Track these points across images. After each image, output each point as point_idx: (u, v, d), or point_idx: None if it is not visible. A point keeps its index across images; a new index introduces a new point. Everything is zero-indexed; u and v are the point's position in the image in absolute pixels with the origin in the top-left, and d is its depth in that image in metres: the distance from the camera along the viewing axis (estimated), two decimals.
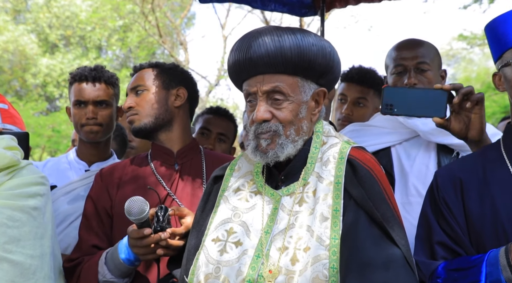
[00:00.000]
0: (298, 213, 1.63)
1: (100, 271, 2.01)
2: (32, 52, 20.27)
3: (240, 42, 1.70)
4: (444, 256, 1.78)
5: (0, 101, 2.77)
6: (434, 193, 1.87)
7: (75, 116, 2.75)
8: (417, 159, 2.45)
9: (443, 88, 1.91)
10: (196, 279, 1.63)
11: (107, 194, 2.24)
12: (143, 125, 2.30)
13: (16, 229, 1.87)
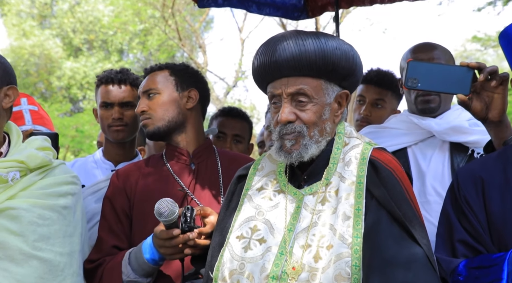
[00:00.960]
0: (320, 211, 1.63)
1: (124, 271, 2.01)
2: (57, 56, 20.45)
3: (265, 46, 1.70)
4: (465, 253, 1.76)
5: (30, 103, 2.86)
6: (455, 191, 1.85)
7: (102, 117, 2.76)
8: (433, 158, 2.43)
9: (469, 66, 1.86)
10: (221, 275, 1.63)
11: (125, 195, 2.23)
12: (157, 129, 2.28)
13: (46, 227, 1.89)
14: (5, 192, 1.86)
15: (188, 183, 2.25)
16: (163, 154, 2.37)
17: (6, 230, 1.81)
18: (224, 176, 2.29)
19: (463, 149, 2.42)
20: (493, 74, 1.84)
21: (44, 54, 20.36)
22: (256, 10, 3.49)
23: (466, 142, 2.40)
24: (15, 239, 1.81)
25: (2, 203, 1.84)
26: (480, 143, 2.32)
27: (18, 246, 1.81)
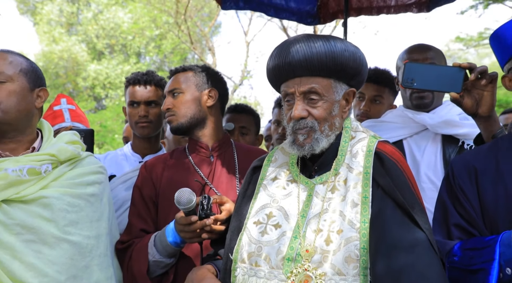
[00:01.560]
0: (330, 199, 1.58)
1: (150, 252, 1.98)
2: (83, 59, 20.49)
3: (279, 49, 1.64)
4: (460, 236, 1.72)
5: (69, 103, 2.90)
6: (450, 180, 1.79)
7: (130, 115, 2.72)
8: (427, 149, 2.39)
9: (461, 66, 1.82)
10: (240, 257, 1.59)
11: (152, 184, 2.20)
12: (180, 125, 2.25)
13: (74, 214, 1.87)
14: (39, 183, 1.83)
15: (207, 173, 2.22)
16: (186, 147, 2.34)
17: (39, 217, 1.78)
18: (240, 167, 2.25)
19: (454, 141, 2.38)
20: (483, 73, 1.80)
21: (71, 58, 20.42)
22: (273, 14, 3.45)
23: (456, 134, 2.36)
24: (47, 224, 1.79)
25: (35, 193, 1.81)
26: (469, 135, 2.29)
27: (50, 230, 1.79)
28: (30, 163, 1.82)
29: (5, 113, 1.82)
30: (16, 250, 1.71)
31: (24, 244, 1.73)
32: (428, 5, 3.32)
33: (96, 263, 1.88)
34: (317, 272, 1.47)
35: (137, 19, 20.26)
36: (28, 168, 1.80)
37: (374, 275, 1.43)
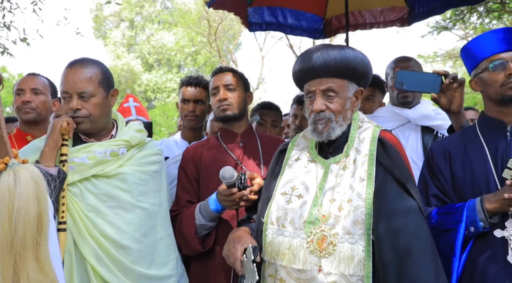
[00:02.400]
0: (342, 175, 1.51)
1: (196, 217, 1.91)
2: (138, 71, 20.47)
3: (304, 56, 1.57)
4: (436, 204, 1.67)
5: (135, 101, 2.88)
6: (429, 160, 1.74)
7: (181, 109, 2.62)
8: (410, 137, 2.34)
9: (439, 73, 1.78)
10: (270, 220, 1.53)
11: (193, 164, 2.10)
12: (232, 115, 2.12)
13: (143, 186, 1.82)
14: (117, 162, 1.78)
15: (238, 155, 2.13)
16: (218, 135, 2.22)
17: (118, 188, 1.74)
18: (262, 151, 2.15)
19: (429, 130, 2.33)
20: (455, 79, 1.75)
21: (129, 70, 20.41)
22: (290, 32, 3.35)
23: (432, 125, 2.30)
24: (124, 194, 1.75)
25: (115, 170, 1.76)
26: (442, 126, 2.25)
27: (127, 199, 1.75)
28: (111, 147, 1.77)
29: (94, 122, 1.76)
30: (103, 213, 1.68)
31: (108, 208, 1.70)
32: (408, 21, 3.25)
33: (160, 224, 1.84)
34: (331, 232, 1.42)
35: (178, 40, 20.21)
36: (110, 151, 1.75)
37: (376, 234, 1.38)
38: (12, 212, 1.15)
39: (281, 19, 3.20)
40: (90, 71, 1.74)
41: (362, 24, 3.32)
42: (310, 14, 3.33)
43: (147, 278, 1.72)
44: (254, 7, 3.10)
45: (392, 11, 3.23)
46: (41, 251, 1.19)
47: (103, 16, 21.68)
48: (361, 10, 3.29)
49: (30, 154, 1.69)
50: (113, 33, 21.41)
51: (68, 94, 1.71)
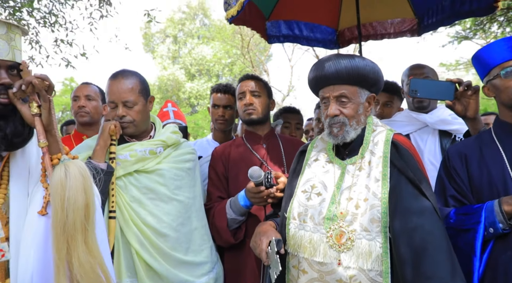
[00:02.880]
0: (358, 176, 1.46)
1: (227, 212, 1.91)
2: (182, 80, 20.87)
3: (317, 65, 1.54)
4: (454, 205, 1.58)
5: (173, 106, 2.91)
6: (446, 163, 1.65)
7: (212, 114, 2.65)
8: (428, 141, 2.22)
9: (452, 81, 1.69)
10: (292, 215, 1.51)
11: (222, 163, 2.10)
12: (257, 118, 2.11)
13: (179, 181, 1.85)
14: (155, 160, 1.82)
15: (262, 156, 2.11)
16: (243, 137, 2.22)
17: (157, 182, 1.78)
18: (284, 152, 2.13)
19: (447, 134, 2.21)
20: (469, 86, 1.67)
21: (174, 79, 20.84)
22: (306, 43, 3.32)
23: (450, 130, 2.19)
24: (162, 188, 1.78)
25: (154, 166, 1.80)
26: (459, 130, 2.14)
27: (164, 192, 1.78)
28: (150, 146, 1.81)
29: (137, 127, 1.81)
30: (144, 204, 1.72)
31: (149, 200, 1.74)
32: (418, 31, 3.14)
33: (194, 215, 1.86)
34: (349, 228, 1.37)
35: (216, 52, 20.49)
36: (149, 149, 1.80)
37: (392, 232, 1.32)
38: (63, 201, 1.20)
39: (297, 31, 3.18)
40: (131, 82, 1.78)
41: (374, 35, 3.24)
42: (324, 26, 3.30)
43: (184, 264, 1.75)
44: (272, 21, 3.09)
45: (402, 22, 3.14)
46: (89, 235, 1.23)
47: (151, 33, 22.31)
48: (372, 22, 3.22)
49: (82, 151, 1.76)
50: (159, 47, 22.01)
51: (114, 103, 1.77)
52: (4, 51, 1.25)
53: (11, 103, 1.25)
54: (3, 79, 1.23)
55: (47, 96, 1.27)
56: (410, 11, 3.09)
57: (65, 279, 1.16)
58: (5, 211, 1.27)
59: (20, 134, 1.28)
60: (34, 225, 1.24)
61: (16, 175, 1.31)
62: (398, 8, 3.08)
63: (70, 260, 1.17)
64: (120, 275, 1.65)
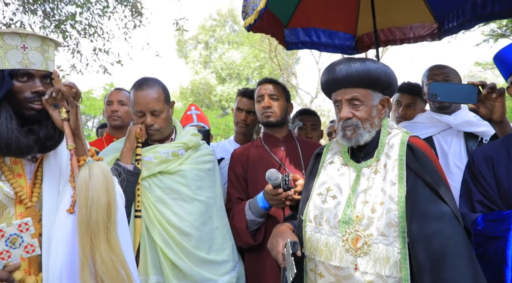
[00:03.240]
0: (374, 179, 1.41)
1: (246, 213, 1.90)
2: (213, 84, 21.15)
3: (328, 68, 1.50)
4: (482, 210, 1.48)
5: (196, 109, 2.88)
6: (471, 166, 1.56)
7: (235, 116, 2.65)
8: (452, 143, 2.09)
9: (475, 83, 1.58)
10: (308, 218, 1.47)
11: (241, 165, 2.09)
12: (275, 121, 2.08)
13: (200, 182, 1.86)
14: (177, 161, 1.85)
15: (280, 158, 2.09)
16: (261, 139, 2.20)
17: (179, 183, 1.80)
18: (302, 155, 2.09)
19: (473, 136, 2.08)
20: (493, 89, 1.56)
21: (206, 83, 21.15)
22: (324, 50, 3.27)
23: (476, 132, 2.05)
24: (184, 188, 1.80)
25: (176, 167, 1.83)
26: (486, 132, 2.01)
27: (186, 192, 1.80)
28: (172, 148, 1.84)
29: (162, 133, 1.85)
30: (168, 204, 1.75)
31: (172, 200, 1.76)
32: (439, 35, 3.00)
33: (215, 215, 1.87)
34: (365, 232, 1.32)
35: (245, 57, 20.63)
36: (171, 152, 1.83)
37: (410, 237, 1.26)
38: (87, 200, 1.24)
39: (315, 38, 3.13)
40: (156, 91, 1.81)
41: (393, 40, 3.14)
42: (342, 33, 3.23)
43: (206, 262, 1.76)
44: (290, 29, 3.07)
45: (422, 27, 3.01)
46: (111, 233, 1.26)
47: (184, 40, 22.76)
48: (391, 27, 3.12)
49: (110, 153, 1.82)
50: (192, 53, 22.43)
51: (142, 112, 1.80)
52: (39, 62, 1.32)
53: (44, 109, 1.32)
54: (37, 88, 1.30)
55: (75, 102, 1.33)
56: (429, 15, 2.98)
57: (89, 275, 1.19)
58: (38, 209, 1.33)
59: (52, 138, 1.34)
60: (63, 222, 1.29)
61: (49, 175, 1.37)
62: (417, 13, 2.98)
63: (94, 257, 1.21)
64: (146, 273, 1.69)
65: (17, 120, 1.27)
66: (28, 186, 1.33)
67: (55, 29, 5.53)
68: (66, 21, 5.55)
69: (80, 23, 5.70)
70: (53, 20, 5.53)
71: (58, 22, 5.51)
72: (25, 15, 5.33)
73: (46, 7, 5.43)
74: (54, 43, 1.38)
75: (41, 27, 5.45)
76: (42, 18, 5.46)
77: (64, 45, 5.68)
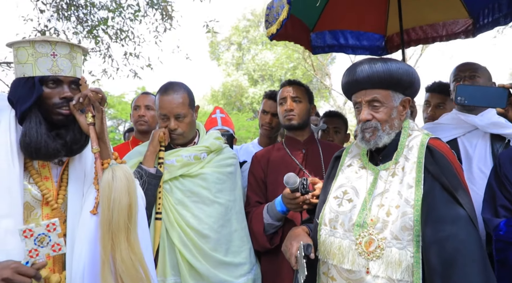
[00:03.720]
0: (391, 182, 1.41)
1: (264, 217, 1.94)
2: (245, 86, 21.31)
3: (349, 70, 1.51)
4: (505, 215, 1.45)
5: (221, 113, 2.91)
6: (497, 170, 1.52)
7: (260, 118, 2.68)
8: (478, 145, 2.03)
9: (505, 86, 1.54)
10: (323, 221, 1.49)
11: (261, 169, 2.12)
12: (297, 124, 2.10)
13: (220, 185, 1.92)
14: (199, 164, 1.91)
15: (301, 161, 2.10)
16: (283, 142, 2.22)
17: (200, 186, 1.86)
18: (324, 158, 2.10)
19: (500, 138, 2.00)
20: None
21: (238, 85, 21.33)
22: (351, 52, 3.25)
23: (503, 134, 1.98)
24: (205, 191, 1.86)
25: (197, 170, 1.89)
26: None
27: (207, 195, 1.86)
28: (195, 151, 1.91)
29: (186, 138, 1.92)
30: (188, 207, 1.82)
31: (192, 203, 1.83)
32: (473, 32, 2.89)
33: (234, 218, 1.92)
34: (379, 236, 1.33)
35: (278, 57, 20.62)
36: (194, 155, 1.89)
37: (423, 241, 1.26)
38: (110, 202, 1.33)
39: (342, 41, 3.11)
40: (181, 96, 1.88)
41: (424, 39, 3.06)
42: (371, 33, 3.18)
43: (223, 264, 1.81)
44: (316, 33, 3.07)
45: (455, 24, 2.91)
46: (131, 233, 1.35)
47: (217, 42, 23.15)
48: (422, 25, 3.03)
49: (133, 156, 1.92)
50: (224, 55, 22.75)
51: (166, 116, 1.88)
52: (67, 68, 1.41)
53: (71, 114, 1.41)
54: (65, 93, 1.40)
55: (100, 107, 1.41)
56: (464, 11, 2.89)
57: (109, 273, 1.28)
58: (63, 210, 1.43)
59: (78, 142, 1.44)
60: (86, 223, 1.39)
61: (74, 177, 1.47)
62: (450, 9, 2.90)
63: (114, 256, 1.29)
64: (165, 273, 1.76)
65: (46, 125, 1.37)
66: (55, 188, 1.43)
67: (88, 34, 5.84)
68: (99, 26, 5.85)
69: (112, 28, 5.98)
70: (86, 25, 5.84)
71: (91, 28, 5.82)
72: (58, 21, 5.67)
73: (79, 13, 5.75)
74: (82, 50, 1.48)
75: (74, 33, 5.78)
76: (75, 24, 5.78)
77: (96, 50, 5.98)
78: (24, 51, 1.37)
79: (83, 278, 1.31)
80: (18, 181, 1.32)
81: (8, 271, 1.16)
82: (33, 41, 1.37)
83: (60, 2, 5.57)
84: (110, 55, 6.07)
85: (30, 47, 1.36)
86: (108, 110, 15.87)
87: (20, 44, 1.37)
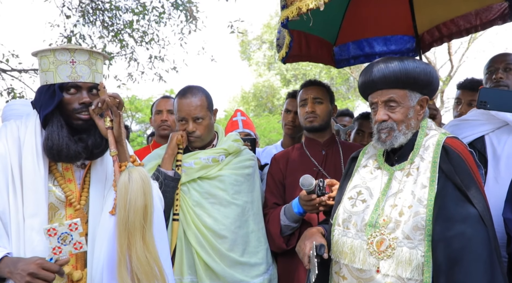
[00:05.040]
0: (405, 182, 1.47)
1: (281, 218, 2.01)
2: (277, 86, 21.39)
3: (365, 70, 1.58)
4: None
5: (242, 115, 3.00)
6: None
7: (283, 118, 2.73)
8: (507, 143, 2.01)
9: None
10: (337, 222, 1.57)
11: (280, 170, 2.19)
12: (318, 126, 2.17)
13: (238, 186, 2.02)
14: (217, 167, 2.02)
15: (320, 163, 2.16)
16: (303, 143, 2.28)
17: (217, 188, 1.98)
18: (344, 159, 2.14)
19: None
20: None
21: (270, 85, 21.43)
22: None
23: None
24: (222, 192, 1.97)
25: (215, 173, 2.00)
26: None
27: (224, 196, 1.97)
28: (213, 154, 2.02)
29: (203, 141, 2.02)
30: (205, 208, 1.93)
31: (209, 204, 1.94)
32: (510, 15, 2.74)
33: (251, 219, 2.02)
34: (391, 236, 1.40)
35: None
36: (212, 157, 2.01)
37: (433, 239, 1.32)
38: (126, 202, 1.46)
39: (368, 49, 3.08)
40: (200, 99, 1.99)
41: (457, 32, 2.95)
42: (399, 36, 3.13)
43: (239, 264, 1.92)
44: (340, 46, 3.07)
45: (489, 10, 2.78)
46: (146, 233, 1.48)
47: (248, 41, 23.43)
48: (453, 18, 2.94)
49: (152, 159, 2.06)
50: (255, 54, 22.95)
51: (184, 119, 2.00)
52: (86, 74, 1.56)
53: (91, 118, 1.56)
54: (84, 99, 1.55)
55: (118, 112, 1.55)
56: None
57: (125, 271, 1.42)
58: (86, 211, 1.59)
59: (99, 146, 1.59)
60: (106, 223, 1.54)
61: (96, 180, 1.63)
62: None
63: (130, 254, 1.43)
64: (182, 273, 1.90)
65: (68, 129, 1.53)
66: (77, 190, 1.59)
67: (113, 38, 6.17)
68: (124, 29, 6.16)
69: (138, 31, 6.28)
70: (111, 29, 6.18)
71: (116, 32, 6.15)
72: (84, 27, 6.03)
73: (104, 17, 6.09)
74: (102, 56, 1.62)
75: (99, 37, 6.12)
76: (101, 29, 6.13)
77: (121, 54, 6.30)
78: (46, 60, 1.54)
79: (102, 274, 1.46)
80: (43, 183, 1.48)
81: (33, 266, 1.33)
82: (54, 49, 1.53)
83: (86, 6, 5.93)
84: (135, 58, 6.37)
85: (51, 55, 1.53)
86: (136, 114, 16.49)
87: (42, 53, 1.55)
